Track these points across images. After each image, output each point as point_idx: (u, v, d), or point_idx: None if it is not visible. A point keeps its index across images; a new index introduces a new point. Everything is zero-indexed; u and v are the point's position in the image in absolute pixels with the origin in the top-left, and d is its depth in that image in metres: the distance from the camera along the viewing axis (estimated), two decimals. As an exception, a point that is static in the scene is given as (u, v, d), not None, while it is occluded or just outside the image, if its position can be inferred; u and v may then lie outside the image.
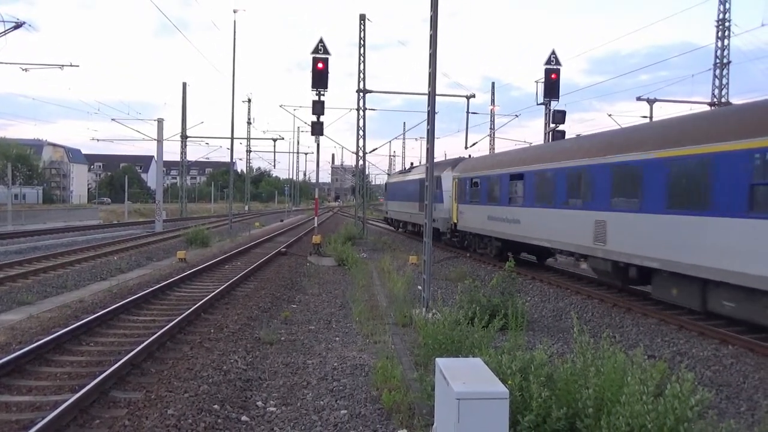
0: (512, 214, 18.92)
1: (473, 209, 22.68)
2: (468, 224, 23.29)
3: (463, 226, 23.86)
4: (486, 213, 20.99)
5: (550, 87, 25.76)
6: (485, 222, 21.21)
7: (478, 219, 21.98)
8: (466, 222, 23.50)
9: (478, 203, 22.13)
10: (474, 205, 22.55)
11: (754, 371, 8.62)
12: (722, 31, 39.22)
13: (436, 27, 12.32)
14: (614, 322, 11.89)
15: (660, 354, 9.43)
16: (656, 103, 37.23)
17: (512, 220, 18.92)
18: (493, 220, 20.42)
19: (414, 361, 8.33)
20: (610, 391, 5.62)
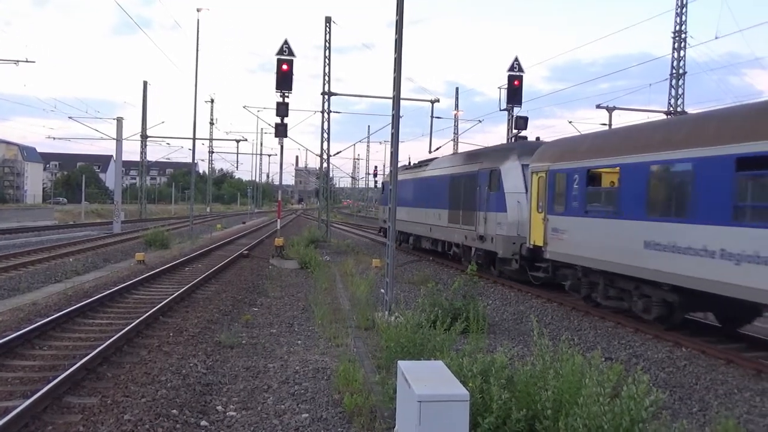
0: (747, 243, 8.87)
1: (595, 226, 12.77)
2: (577, 251, 13.17)
3: (565, 253, 13.67)
4: (641, 234, 11.08)
5: (513, 93, 26.15)
6: (638, 253, 11.14)
7: (611, 245, 12.02)
8: (573, 248, 13.36)
9: (611, 215, 12.24)
10: (597, 218, 12.75)
11: (706, 372, 8.89)
12: (678, 43, 40.42)
13: (401, 31, 12.38)
14: (573, 325, 12.12)
15: (617, 356, 9.65)
16: (615, 111, 38.17)
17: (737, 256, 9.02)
18: (663, 252, 10.50)
19: (376, 364, 8.34)
20: (569, 393, 5.72)
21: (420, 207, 25.11)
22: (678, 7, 39.83)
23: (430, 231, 23.61)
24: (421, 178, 25.63)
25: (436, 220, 22.53)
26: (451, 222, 20.82)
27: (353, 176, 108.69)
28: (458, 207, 20.24)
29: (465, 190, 19.67)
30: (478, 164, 19.26)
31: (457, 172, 21.00)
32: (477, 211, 18.41)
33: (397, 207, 28.76)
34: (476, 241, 18.42)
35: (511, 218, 16.56)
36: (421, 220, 24.80)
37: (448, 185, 21.50)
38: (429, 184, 24.23)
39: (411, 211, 26.21)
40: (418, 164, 28.26)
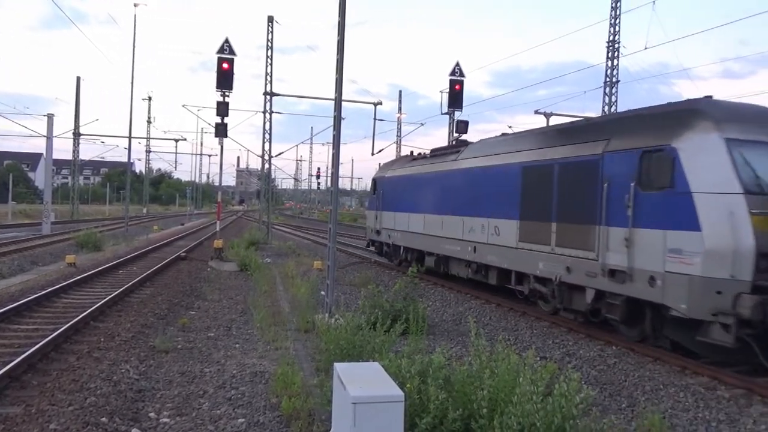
0: None
1: None
2: None
3: None
4: None
5: (454, 97, 26.51)
6: None
7: None
8: None
9: None
10: None
11: (635, 370, 9.24)
12: (612, 52, 41.94)
13: (343, 33, 12.37)
14: (510, 326, 12.38)
15: (551, 355, 9.91)
16: (552, 116, 39.28)
17: None
18: None
19: (315, 367, 8.29)
20: (504, 392, 5.84)
21: (447, 214, 16.81)
22: (612, 18, 41.36)
23: (472, 251, 15.23)
24: (447, 173, 17.14)
25: (485, 235, 14.59)
26: (528, 240, 12.80)
27: (296, 178, 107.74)
28: (546, 216, 12.18)
29: (565, 187, 11.72)
30: (599, 142, 10.90)
31: (543, 160, 12.54)
32: (597, 225, 10.54)
33: (395, 213, 20.50)
34: (600, 279, 10.46)
35: (712, 243, 8.61)
36: (450, 233, 16.45)
37: (517, 181, 13.30)
38: (467, 180, 15.84)
39: (428, 219, 18.12)
40: (437, 152, 19.49)
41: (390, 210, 21.75)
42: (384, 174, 22.96)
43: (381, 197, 22.65)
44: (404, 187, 20.49)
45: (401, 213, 20.58)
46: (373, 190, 24.00)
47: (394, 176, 21.72)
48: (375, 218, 23.35)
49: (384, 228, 22.22)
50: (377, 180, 23.59)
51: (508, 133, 16.61)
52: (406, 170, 20.72)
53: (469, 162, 16.13)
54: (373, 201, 24.11)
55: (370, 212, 24.62)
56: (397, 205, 21.03)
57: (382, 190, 22.58)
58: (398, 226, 20.83)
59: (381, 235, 22.70)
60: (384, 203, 22.34)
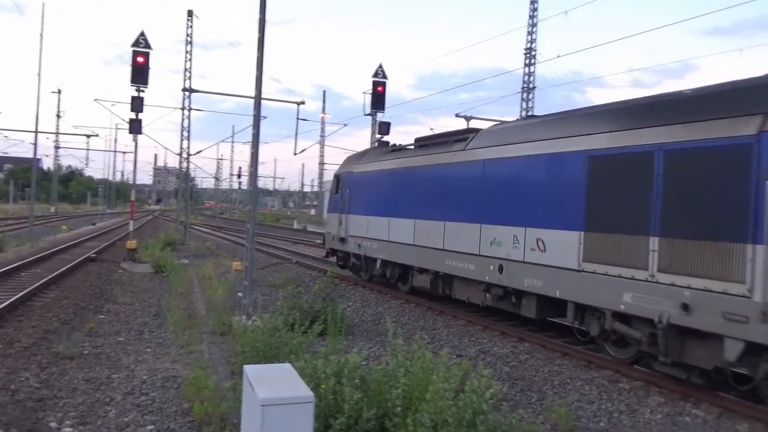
0: None
1: None
2: None
3: None
4: None
5: (377, 99, 26.66)
6: None
7: None
8: None
9: None
10: None
11: (544, 365, 9.62)
12: (529, 59, 43.57)
13: (263, 30, 12.19)
14: (428, 325, 12.59)
15: (467, 353, 10.15)
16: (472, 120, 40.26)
17: None
18: None
19: (230, 370, 8.11)
20: (418, 390, 5.93)
21: (454, 220, 12.98)
22: (529, 26, 42.93)
23: (495, 271, 11.43)
24: (451, 166, 13.25)
25: (519, 251, 10.88)
26: (602, 261, 9.10)
27: (216, 177, 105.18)
28: (639, 227, 8.56)
29: (680, 185, 8.15)
30: (748, 118, 7.45)
31: (633, 146, 8.82)
32: (750, 242, 7.22)
33: (369, 217, 16.07)
34: (755, 326, 7.06)
35: None
36: (458, 245, 12.72)
37: (579, 176, 9.67)
38: (486, 175, 12.05)
39: (421, 227, 14.21)
40: (427, 141, 15.51)
41: (361, 213, 17.42)
42: (351, 169, 18.61)
43: (348, 197, 18.27)
44: (383, 185, 16.27)
45: (378, 217, 16.25)
46: (336, 188, 19.47)
47: (367, 171, 17.39)
48: (339, 223, 18.87)
49: (352, 236, 17.87)
50: (342, 176, 19.11)
51: (537, 115, 12.83)
52: (385, 164, 16.45)
53: (486, 152, 12.11)
54: (335, 202, 19.61)
55: (332, 215, 20.06)
56: (373, 207, 16.73)
57: (350, 188, 18.24)
58: (373, 233, 16.48)
59: (347, 244, 18.24)
60: (352, 205, 18.01)
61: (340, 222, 18.88)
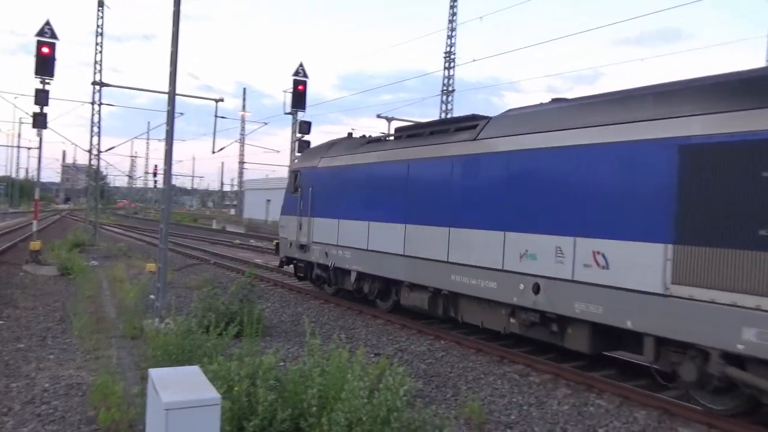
0: None
1: None
2: None
3: None
4: None
5: (298, 97, 26.43)
6: None
7: None
8: None
9: None
10: None
11: (459, 361, 9.86)
12: (448, 62, 44.45)
13: (177, 24, 11.83)
14: (347, 324, 12.62)
15: (385, 351, 10.26)
16: (393, 121, 40.68)
17: None
18: None
19: (140, 375, 7.82)
20: (334, 389, 5.94)
21: (464, 226, 10.65)
22: (449, 30, 43.81)
23: (528, 291, 9.26)
24: (457, 160, 10.98)
25: (564, 266, 8.73)
26: (706, 284, 7.02)
27: (130, 175, 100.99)
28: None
29: None
30: None
31: (740, 132, 6.80)
32: None
33: (341, 221, 13.91)
34: None
35: None
36: (469, 257, 10.45)
37: (665, 172, 7.55)
38: (511, 170, 9.85)
39: (415, 234, 11.85)
40: (416, 131, 13.18)
41: (329, 216, 14.79)
42: (314, 163, 15.98)
43: (311, 197, 15.65)
44: (359, 183, 13.75)
45: (354, 221, 13.74)
46: (294, 186, 16.70)
47: (337, 167, 14.82)
48: (298, 228, 16.18)
49: (317, 242, 15.31)
50: (302, 172, 16.48)
51: (564, 99, 10.08)
52: (362, 157, 13.91)
53: (509, 142, 9.89)
54: (292, 202, 16.78)
55: (288, 219, 16.98)
56: (346, 208, 14.18)
57: (313, 186, 15.66)
58: (347, 240, 14.02)
59: (309, 253, 15.64)
60: (317, 206, 15.43)
61: (299, 226, 16.09)
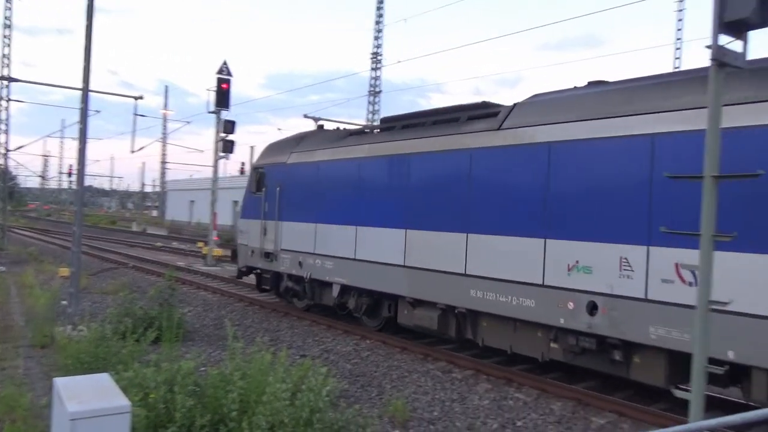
0: None
1: None
2: None
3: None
4: None
5: (221, 96, 25.87)
6: None
7: None
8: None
9: None
10: None
11: (384, 360, 9.95)
12: (375, 63, 44.71)
13: (91, 18, 11.36)
14: (272, 327, 12.47)
15: (310, 353, 10.21)
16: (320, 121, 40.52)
17: None
18: None
19: (50, 386, 7.44)
20: (255, 393, 5.87)
21: (484, 231, 9.11)
22: (376, 31, 44.07)
23: (570, 311, 7.85)
24: (477, 154, 9.35)
25: (637, 282, 7.22)
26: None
27: (42, 175, 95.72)
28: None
29: None
30: None
31: None
32: None
33: (318, 225, 12.22)
34: None
35: None
36: (488, 269, 8.99)
37: None
38: (561, 170, 8.17)
39: (418, 240, 10.19)
40: (413, 120, 11.29)
41: (304, 220, 12.93)
42: (282, 159, 14.02)
43: (279, 198, 13.73)
44: (343, 181, 11.96)
45: (337, 226, 11.96)
46: (257, 185, 14.73)
47: (313, 163, 12.94)
48: (262, 233, 14.16)
49: (287, 250, 13.38)
50: (268, 170, 14.41)
51: (604, 81, 8.75)
52: (345, 151, 12.10)
53: (549, 132, 8.32)
54: (255, 204, 14.71)
55: (250, 223, 14.87)
56: (326, 211, 12.33)
57: (282, 185, 13.72)
58: (327, 248, 12.20)
59: (277, 262, 13.67)
60: (287, 208, 13.53)
61: (264, 231, 14.12)
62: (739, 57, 4.54)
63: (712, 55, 4.39)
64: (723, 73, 4.51)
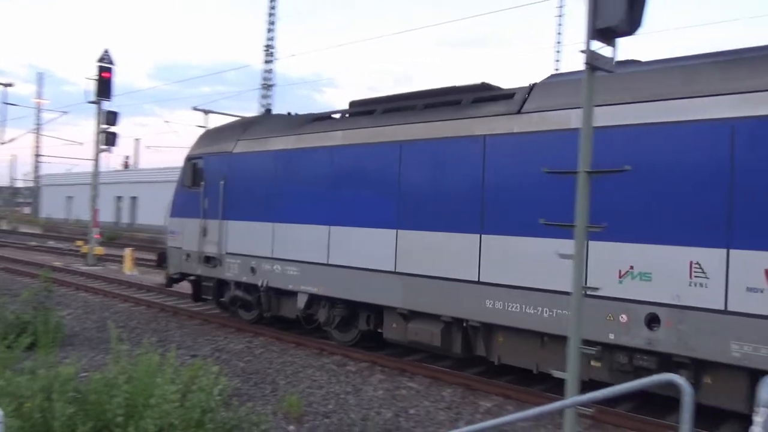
0: None
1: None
2: None
3: None
4: None
5: (103, 86, 24.40)
6: None
7: None
8: None
9: None
10: None
11: (278, 357, 9.87)
12: (268, 56, 43.93)
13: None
14: (160, 327, 11.99)
15: (201, 352, 9.92)
16: (210, 114, 39.30)
17: None
18: None
19: None
20: (143, 396, 5.64)
21: (502, 231, 7.94)
22: (269, 23, 43.28)
23: (622, 324, 6.87)
24: (492, 142, 8.14)
25: (715, 292, 6.27)
26: None
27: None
28: None
29: None
30: None
31: None
32: None
33: (275, 225, 10.69)
34: None
35: None
36: (510, 276, 7.81)
37: None
38: (615, 159, 6.35)
39: (413, 242, 8.87)
40: (397, 103, 10.00)
41: (258, 219, 11.20)
42: (226, 147, 12.17)
43: (224, 193, 11.89)
44: (311, 173, 10.37)
45: (304, 227, 10.39)
46: (193, 178, 12.73)
47: (269, 152, 11.21)
48: (201, 234, 12.27)
49: (235, 254, 11.64)
50: (208, 160, 12.48)
51: (637, 60, 7.81)
52: (314, 139, 10.49)
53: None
54: (190, 200, 12.75)
55: (185, 222, 12.83)
56: (288, 209, 10.68)
57: (226, 178, 11.88)
58: (289, 251, 10.59)
59: (223, 268, 11.86)
60: (234, 205, 11.71)
61: (203, 232, 12.22)
62: (609, 61, 4.90)
63: (586, 59, 4.71)
64: (595, 76, 4.85)
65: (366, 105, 10.52)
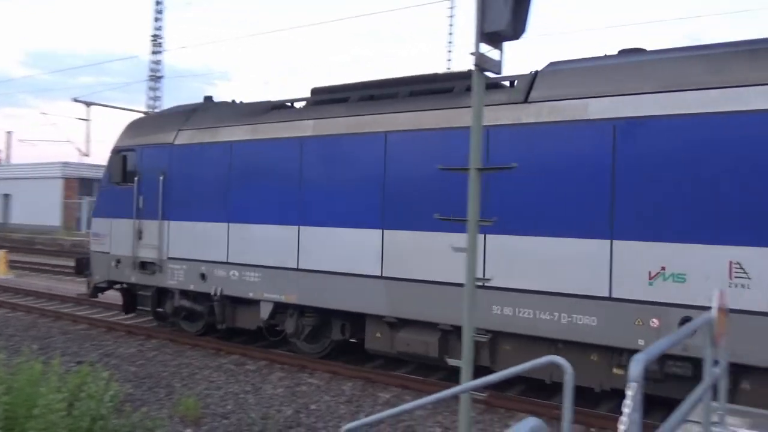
0: None
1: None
2: None
3: None
4: None
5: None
6: None
7: None
8: None
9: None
10: None
11: (173, 359, 9.56)
12: (156, 47, 41.97)
13: None
14: (41, 334, 11.22)
15: (88, 358, 9.40)
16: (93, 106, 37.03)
17: None
18: None
19: None
20: (25, 407, 5.31)
21: (510, 231, 7.24)
22: (156, 12, 41.34)
23: (653, 329, 6.38)
24: (495, 134, 7.36)
25: (761, 294, 5.93)
26: None
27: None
28: None
29: None
30: None
31: None
32: None
33: (225, 224, 9.74)
34: None
35: None
36: (520, 279, 7.20)
37: None
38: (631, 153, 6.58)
39: (404, 243, 8.00)
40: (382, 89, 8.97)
41: (208, 219, 10.00)
42: (165, 138, 10.82)
43: (163, 190, 10.54)
44: (276, 167, 9.28)
45: (267, 227, 9.31)
46: (123, 174, 11.19)
47: (219, 143, 10.00)
48: (135, 237, 10.85)
49: (179, 258, 10.36)
50: (142, 153, 11.06)
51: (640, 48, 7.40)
52: (278, 129, 9.39)
53: (610, 105, 6.75)
54: (120, 198, 11.23)
55: (113, 223, 11.32)
56: (247, 207, 9.56)
57: (166, 173, 10.57)
58: (248, 255, 9.50)
59: (164, 275, 10.50)
60: (178, 203, 10.41)
61: (138, 234, 10.82)
62: (497, 64, 5.16)
63: (475, 62, 4.93)
64: (483, 78, 5.09)
65: (335, 92, 9.43)
